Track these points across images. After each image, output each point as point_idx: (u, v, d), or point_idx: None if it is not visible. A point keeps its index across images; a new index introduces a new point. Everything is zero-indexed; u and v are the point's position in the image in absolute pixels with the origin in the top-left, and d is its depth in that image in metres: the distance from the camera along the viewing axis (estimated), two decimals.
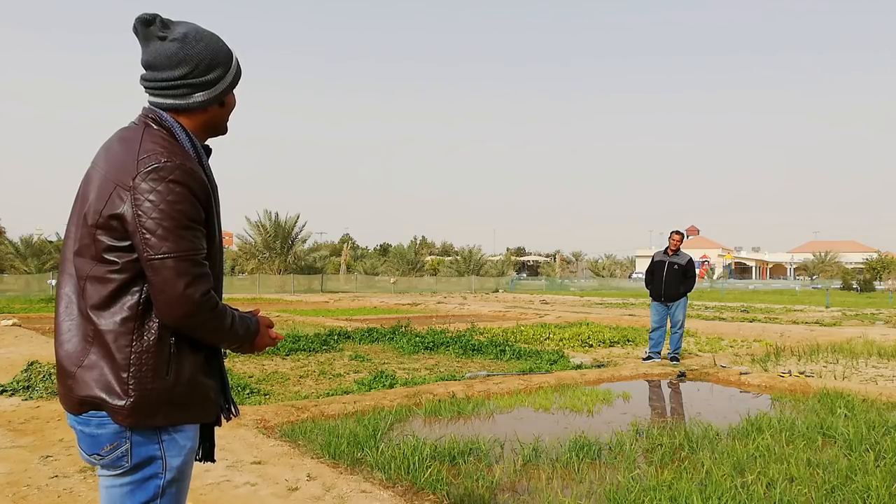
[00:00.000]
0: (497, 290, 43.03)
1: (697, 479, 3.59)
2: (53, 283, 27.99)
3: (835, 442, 4.46)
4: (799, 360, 8.93)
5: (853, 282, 49.36)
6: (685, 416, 5.75)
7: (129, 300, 1.49)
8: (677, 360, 8.63)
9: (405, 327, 11.34)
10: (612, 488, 3.44)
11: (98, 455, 1.52)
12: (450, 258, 62.56)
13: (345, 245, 62.83)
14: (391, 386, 6.46)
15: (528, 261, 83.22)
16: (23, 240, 40.90)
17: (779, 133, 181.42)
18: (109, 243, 1.49)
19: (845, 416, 5.16)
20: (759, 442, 4.33)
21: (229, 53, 1.63)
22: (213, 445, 1.76)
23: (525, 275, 71.81)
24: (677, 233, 8.89)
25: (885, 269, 55.91)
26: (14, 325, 12.32)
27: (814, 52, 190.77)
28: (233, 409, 1.76)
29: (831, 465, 3.83)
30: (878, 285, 50.25)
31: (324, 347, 9.50)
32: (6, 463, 3.92)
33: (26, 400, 5.73)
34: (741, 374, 7.57)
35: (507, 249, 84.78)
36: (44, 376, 6.27)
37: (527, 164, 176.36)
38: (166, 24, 1.55)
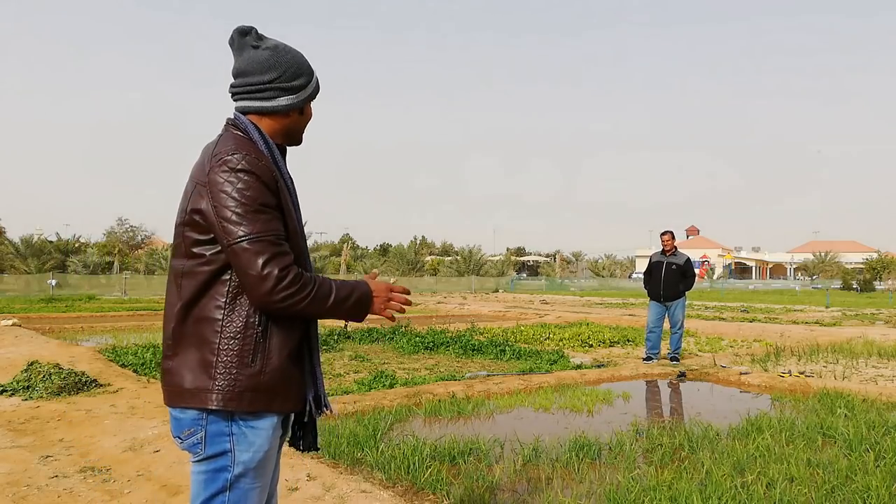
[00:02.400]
0: (497, 290, 43.04)
1: (697, 479, 3.59)
2: (54, 284, 27.97)
3: (835, 442, 4.46)
4: (799, 360, 8.93)
5: (853, 282, 49.32)
6: (685, 416, 5.74)
7: (219, 289, 1.60)
8: (677, 360, 8.63)
9: (405, 327, 11.34)
10: (612, 488, 3.44)
11: (179, 438, 1.64)
12: (450, 258, 62.52)
13: (345, 245, 62.82)
14: (391, 386, 6.46)
15: (528, 261, 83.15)
16: (23, 240, 40.88)
17: (779, 133, 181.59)
18: (195, 237, 1.61)
19: (845, 416, 5.16)
20: (759, 442, 4.33)
21: (311, 68, 1.76)
22: (315, 436, 1.84)
23: (525, 275, 71.78)
24: (666, 233, 8.87)
25: (885, 269, 55.90)
26: (14, 325, 12.32)
27: (814, 51, 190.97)
28: (325, 405, 1.80)
29: (831, 465, 3.83)
30: (878, 285, 50.22)
31: (323, 347, 9.50)
32: (6, 463, 3.93)
33: (26, 400, 5.74)
34: (741, 374, 7.57)
35: (507, 249, 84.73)
36: (44, 376, 6.27)
37: (527, 163, 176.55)
38: (260, 35, 1.72)
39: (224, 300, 1.59)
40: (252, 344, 1.58)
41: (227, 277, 1.60)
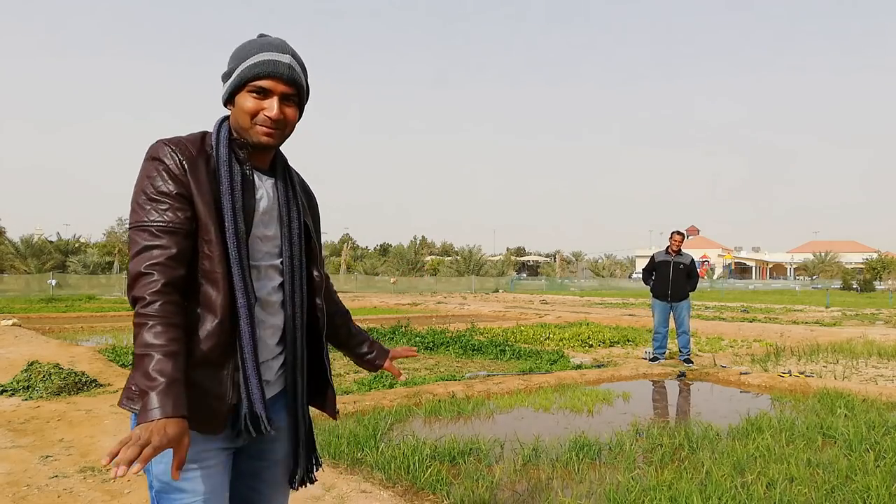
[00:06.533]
0: (497, 290, 43.02)
1: (697, 479, 3.59)
2: (54, 284, 27.97)
3: (835, 442, 4.46)
4: (799, 360, 8.93)
5: (853, 282, 49.32)
6: (685, 416, 5.75)
7: None
8: (691, 361, 8.58)
9: (405, 327, 11.34)
10: (612, 488, 3.44)
11: None
12: (450, 258, 62.53)
13: (345, 245, 62.86)
14: (391, 386, 6.45)
15: (528, 261, 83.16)
16: (23, 240, 40.89)
17: (778, 133, 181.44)
18: None
19: (845, 416, 5.16)
20: (759, 442, 4.33)
21: (247, 53, 1.52)
22: (308, 468, 1.70)
23: (525, 275, 71.76)
24: (678, 233, 8.87)
25: (885, 270, 55.88)
26: (14, 325, 12.32)
27: (812, 51, 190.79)
28: (259, 426, 1.50)
29: (831, 465, 3.83)
30: (878, 285, 50.23)
31: None
32: (6, 463, 3.93)
33: (26, 400, 5.74)
34: (741, 374, 7.57)
35: (507, 249, 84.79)
36: (44, 376, 6.27)
37: (527, 164, 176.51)
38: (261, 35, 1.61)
39: None
40: None
41: None
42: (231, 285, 1.46)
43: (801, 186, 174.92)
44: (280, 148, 1.65)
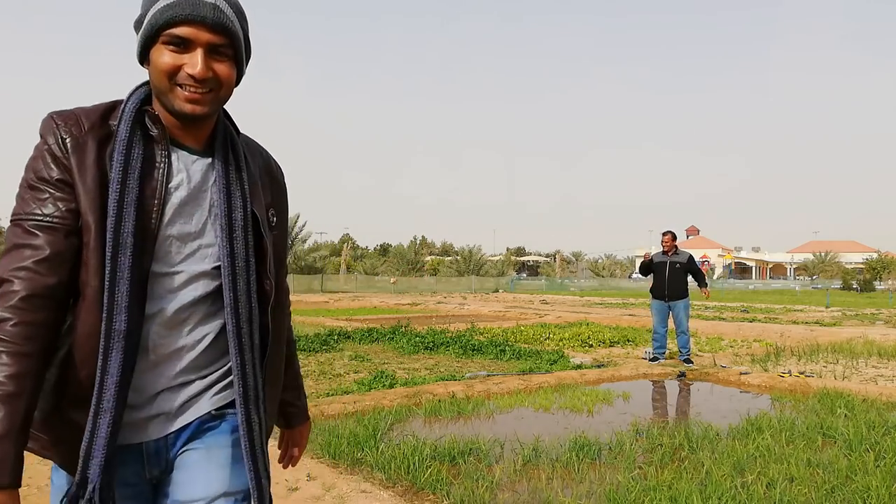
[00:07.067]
0: (497, 290, 43.04)
1: (697, 479, 3.59)
2: None
3: (835, 442, 4.46)
4: (799, 360, 8.93)
5: (853, 282, 49.34)
6: (685, 416, 5.75)
7: None
8: (691, 361, 8.60)
9: (405, 327, 11.34)
10: (612, 488, 3.44)
11: None
12: (450, 258, 62.59)
13: (345, 245, 62.87)
14: (391, 386, 6.46)
15: (528, 261, 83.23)
16: None
17: (778, 132, 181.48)
18: None
19: (845, 416, 5.16)
20: (759, 442, 4.33)
21: None
22: None
23: (525, 275, 71.80)
24: (667, 233, 8.92)
25: (885, 269, 55.89)
26: None
27: (812, 50, 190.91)
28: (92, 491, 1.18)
29: (831, 465, 3.83)
30: (878, 285, 50.24)
31: (324, 347, 9.51)
32: None
33: None
34: (741, 374, 7.57)
35: (507, 249, 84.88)
36: None
37: (527, 164, 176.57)
38: None
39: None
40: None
41: None
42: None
43: (801, 186, 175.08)
44: (230, 115, 1.35)
